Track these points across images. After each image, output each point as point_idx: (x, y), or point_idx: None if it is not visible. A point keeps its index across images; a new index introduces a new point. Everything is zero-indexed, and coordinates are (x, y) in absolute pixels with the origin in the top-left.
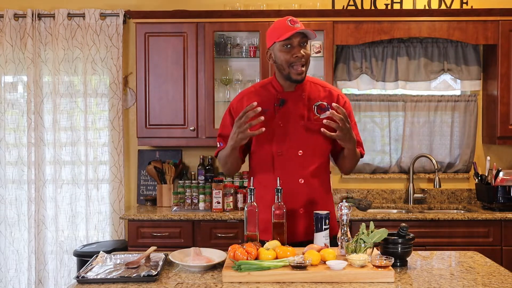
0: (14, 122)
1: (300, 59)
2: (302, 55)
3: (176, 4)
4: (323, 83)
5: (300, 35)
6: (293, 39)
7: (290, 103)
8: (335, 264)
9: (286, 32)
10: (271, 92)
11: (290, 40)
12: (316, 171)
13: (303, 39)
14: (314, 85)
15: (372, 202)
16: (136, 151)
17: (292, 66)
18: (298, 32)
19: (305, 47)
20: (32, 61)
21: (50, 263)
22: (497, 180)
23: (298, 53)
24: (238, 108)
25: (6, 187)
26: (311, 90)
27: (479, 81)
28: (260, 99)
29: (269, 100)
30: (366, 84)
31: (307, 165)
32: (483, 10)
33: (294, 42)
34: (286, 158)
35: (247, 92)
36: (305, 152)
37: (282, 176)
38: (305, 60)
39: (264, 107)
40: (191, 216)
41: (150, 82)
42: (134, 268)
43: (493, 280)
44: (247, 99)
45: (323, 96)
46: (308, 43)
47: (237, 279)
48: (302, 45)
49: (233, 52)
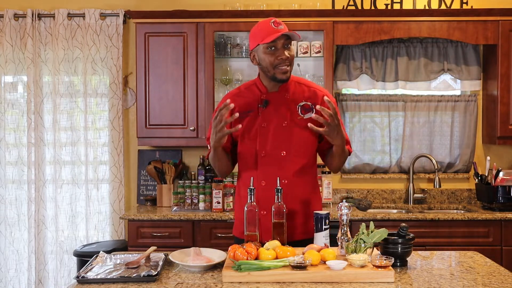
0: (14, 122)
1: (285, 61)
2: (287, 57)
3: (176, 4)
4: (308, 83)
5: (284, 37)
6: (277, 41)
7: (273, 104)
8: (335, 264)
9: (269, 35)
10: (255, 93)
11: (274, 43)
12: (300, 172)
13: (286, 40)
14: (299, 85)
15: (372, 202)
16: (136, 151)
17: (277, 67)
18: (282, 34)
19: (289, 48)
20: (32, 61)
21: (50, 263)
22: (497, 180)
23: (283, 55)
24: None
25: (6, 187)
26: (295, 90)
27: (479, 81)
28: (244, 101)
29: (254, 101)
30: (366, 84)
31: (290, 165)
32: (483, 10)
33: (278, 44)
34: (270, 159)
35: (232, 94)
36: (288, 152)
37: (266, 176)
38: (290, 62)
39: (248, 109)
40: (191, 216)
41: (150, 82)
42: (134, 268)
43: (493, 280)
44: (232, 101)
45: (307, 96)
46: (292, 43)
47: (237, 279)
48: (286, 46)
49: (233, 52)
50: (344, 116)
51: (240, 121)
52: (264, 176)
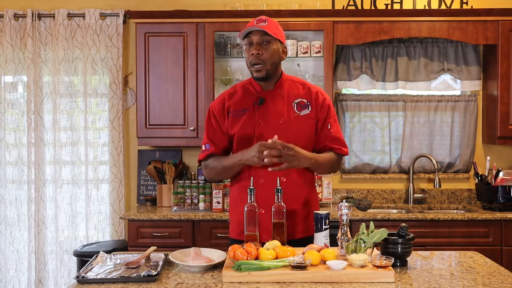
0: (14, 122)
1: (255, 58)
2: (257, 53)
3: (176, 4)
4: (302, 81)
5: (260, 33)
6: (252, 37)
7: (269, 101)
8: (335, 264)
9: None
10: (250, 91)
11: (249, 38)
12: (298, 169)
13: (263, 37)
14: (293, 83)
15: (372, 202)
16: (136, 151)
17: (252, 65)
18: (257, 30)
19: (266, 45)
20: (32, 61)
21: (50, 263)
22: (497, 180)
23: (253, 51)
24: (220, 110)
25: (6, 187)
26: (290, 88)
27: (479, 81)
28: (240, 99)
29: (249, 99)
30: (366, 84)
31: None
32: (483, 10)
33: (253, 40)
34: None
35: (228, 93)
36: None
37: (263, 175)
38: (263, 59)
39: (244, 107)
40: (191, 216)
41: (150, 82)
42: (134, 268)
43: (493, 280)
44: (228, 99)
45: (302, 93)
46: (275, 42)
47: (237, 279)
48: (261, 43)
49: (233, 52)
50: (344, 116)
51: (236, 119)
52: (263, 174)
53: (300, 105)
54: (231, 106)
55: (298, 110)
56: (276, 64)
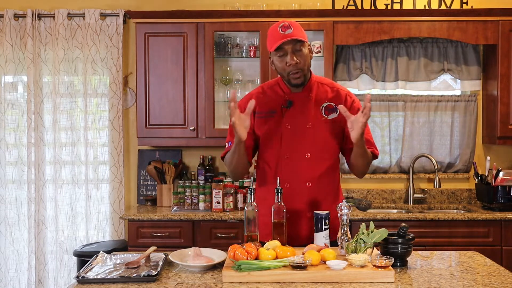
0: (14, 122)
1: (294, 67)
2: (295, 62)
3: (176, 4)
4: (331, 83)
5: (292, 41)
6: (284, 46)
7: (297, 104)
8: (335, 264)
9: (276, 42)
10: (278, 93)
11: (282, 49)
12: (324, 174)
13: (296, 44)
14: (321, 86)
15: (372, 202)
16: (136, 151)
17: (289, 74)
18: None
19: (300, 51)
20: (32, 61)
21: (50, 263)
22: (497, 180)
23: (291, 61)
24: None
25: (6, 187)
26: (318, 90)
27: (479, 81)
28: (267, 101)
29: (277, 101)
30: (366, 84)
31: (315, 167)
32: (483, 10)
33: (286, 49)
34: (294, 161)
35: (256, 92)
36: (313, 154)
37: (289, 179)
38: (301, 67)
39: (271, 109)
40: (191, 216)
41: (150, 82)
42: (134, 268)
43: (493, 280)
44: (255, 99)
45: (330, 96)
46: (304, 45)
47: (237, 279)
48: (296, 50)
49: (233, 52)
50: None
51: (263, 121)
52: (288, 178)
53: (328, 108)
54: (258, 106)
55: (326, 114)
56: (309, 66)
